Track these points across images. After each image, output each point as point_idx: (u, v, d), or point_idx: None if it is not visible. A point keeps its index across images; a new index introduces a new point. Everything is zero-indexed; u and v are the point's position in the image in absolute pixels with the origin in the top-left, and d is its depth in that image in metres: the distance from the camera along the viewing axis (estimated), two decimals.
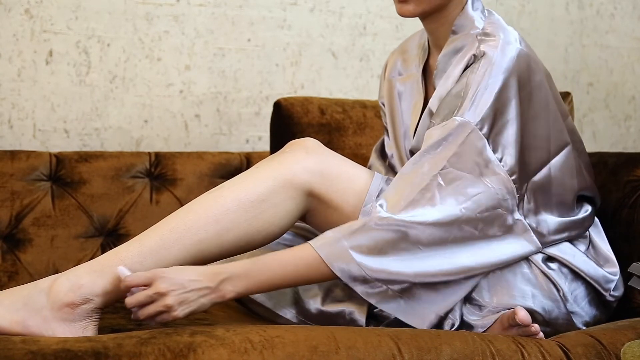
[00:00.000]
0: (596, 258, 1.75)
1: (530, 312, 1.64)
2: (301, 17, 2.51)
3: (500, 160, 1.63)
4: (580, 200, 1.78)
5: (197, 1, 2.41)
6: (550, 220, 1.70)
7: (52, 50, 2.29)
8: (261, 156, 2.18)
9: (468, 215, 1.59)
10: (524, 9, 2.73)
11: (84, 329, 1.52)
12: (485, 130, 1.62)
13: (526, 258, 1.67)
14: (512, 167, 1.63)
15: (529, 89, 1.66)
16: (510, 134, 1.64)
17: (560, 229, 1.71)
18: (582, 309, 1.71)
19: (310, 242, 1.58)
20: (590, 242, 1.78)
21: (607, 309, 1.76)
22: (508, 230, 1.63)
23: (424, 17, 1.73)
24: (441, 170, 1.60)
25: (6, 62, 2.26)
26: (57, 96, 2.31)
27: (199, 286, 1.51)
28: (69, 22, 2.30)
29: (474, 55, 1.66)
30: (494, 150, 1.63)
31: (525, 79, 1.66)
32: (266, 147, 2.40)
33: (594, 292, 1.73)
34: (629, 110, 2.88)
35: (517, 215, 1.65)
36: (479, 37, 1.69)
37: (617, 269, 1.76)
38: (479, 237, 1.61)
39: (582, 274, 1.71)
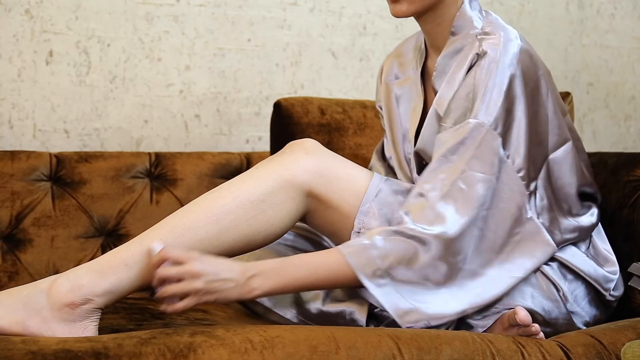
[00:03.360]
0: (596, 258, 1.76)
1: (530, 312, 1.64)
2: (301, 17, 2.51)
3: (508, 157, 1.63)
4: (583, 197, 1.78)
5: (197, 1, 2.41)
6: (562, 218, 1.70)
7: (52, 51, 2.29)
8: (261, 156, 2.18)
9: (491, 218, 1.61)
10: (524, 8, 2.73)
11: (84, 329, 1.52)
12: (499, 129, 1.62)
13: None
14: (520, 165, 1.64)
15: (532, 85, 1.67)
16: (519, 131, 1.64)
17: (571, 229, 1.72)
18: (582, 308, 1.71)
19: (339, 247, 1.58)
20: (590, 242, 1.78)
21: (607, 308, 1.76)
22: (523, 228, 1.64)
23: (419, 16, 1.73)
24: (461, 174, 1.60)
25: (6, 62, 2.26)
26: (57, 96, 2.31)
27: (230, 276, 1.53)
28: (69, 22, 2.30)
29: (477, 54, 1.67)
30: (505, 148, 1.63)
31: (529, 74, 1.67)
32: (266, 147, 2.40)
33: (594, 291, 1.73)
34: (628, 110, 2.88)
35: (529, 214, 1.65)
36: (479, 37, 1.69)
37: (616, 269, 1.76)
38: (500, 245, 1.62)
39: (582, 273, 1.71)
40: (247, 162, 2.23)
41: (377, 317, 1.74)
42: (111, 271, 1.53)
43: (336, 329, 1.50)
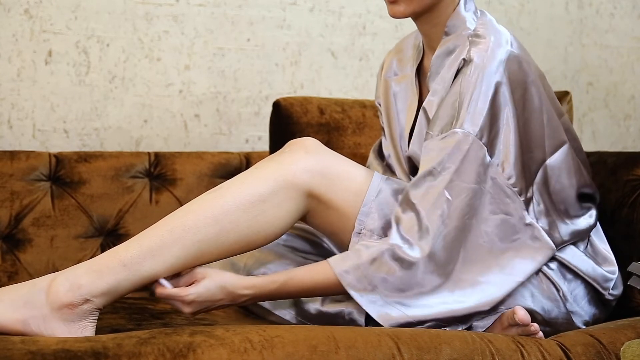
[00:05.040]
0: (594, 257, 1.75)
1: (530, 311, 1.64)
2: (301, 16, 2.51)
3: (498, 166, 1.63)
4: (582, 198, 1.78)
5: (196, 1, 2.41)
6: (560, 222, 1.70)
7: (51, 50, 2.29)
8: (261, 156, 2.18)
9: (476, 226, 1.61)
10: (524, 8, 2.73)
11: (82, 329, 1.52)
12: (484, 139, 1.62)
13: None
14: (510, 172, 1.64)
15: (522, 91, 1.66)
16: (507, 138, 1.64)
17: (569, 232, 1.72)
18: (581, 308, 1.71)
19: (331, 265, 1.61)
20: (589, 241, 1.78)
21: (606, 308, 1.76)
22: (523, 234, 1.65)
23: (416, 17, 1.73)
24: (448, 184, 1.60)
25: (6, 62, 2.26)
26: (56, 96, 2.31)
27: (222, 304, 1.62)
28: (69, 22, 2.30)
29: (464, 59, 1.66)
30: (492, 156, 1.63)
31: (517, 81, 1.66)
32: (266, 147, 2.40)
33: (593, 291, 1.73)
34: (628, 110, 2.88)
35: (528, 219, 1.65)
36: (470, 39, 1.68)
37: (615, 268, 1.76)
38: (499, 251, 1.63)
39: (581, 273, 1.71)
40: (246, 161, 2.23)
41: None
42: (109, 271, 1.53)
43: (336, 328, 1.50)
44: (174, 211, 1.62)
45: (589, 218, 1.76)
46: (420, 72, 1.81)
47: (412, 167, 1.78)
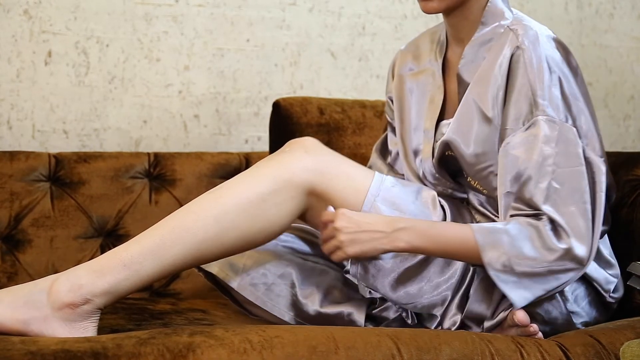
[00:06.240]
0: (598, 259, 1.75)
1: (530, 311, 1.64)
2: (300, 17, 2.51)
3: (587, 146, 1.65)
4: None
5: (196, 1, 2.41)
6: None
7: (51, 51, 2.29)
8: (260, 156, 2.18)
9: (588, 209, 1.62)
10: (523, 8, 2.73)
11: (84, 329, 1.52)
12: (570, 122, 1.63)
13: None
14: (601, 150, 1.67)
15: (578, 72, 1.69)
16: (586, 121, 1.66)
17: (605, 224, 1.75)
18: (582, 309, 1.71)
19: (475, 230, 1.60)
20: None
21: (607, 310, 1.76)
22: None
23: (448, 12, 1.73)
24: (552, 174, 1.60)
25: (5, 62, 2.26)
26: (56, 97, 2.31)
27: (373, 228, 1.59)
28: (68, 22, 2.30)
29: (518, 47, 1.65)
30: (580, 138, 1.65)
31: (573, 63, 1.69)
32: (265, 147, 2.40)
33: (594, 292, 1.73)
34: (628, 110, 2.88)
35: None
36: (512, 28, 1.68)
37: (617, 271, 1.76)
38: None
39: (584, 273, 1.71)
40: (246, 162, 2.23)
41: (376, 318, 1.74)
42: (110, 272, 1.53)
43: (335, 329, 1.50)
44: (175, 211, 1.62)
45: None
46: (445, 65, 1.80)
47: (441, 155, 1.75)
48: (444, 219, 1.70)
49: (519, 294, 1.58)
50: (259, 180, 1.63)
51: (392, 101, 1.90)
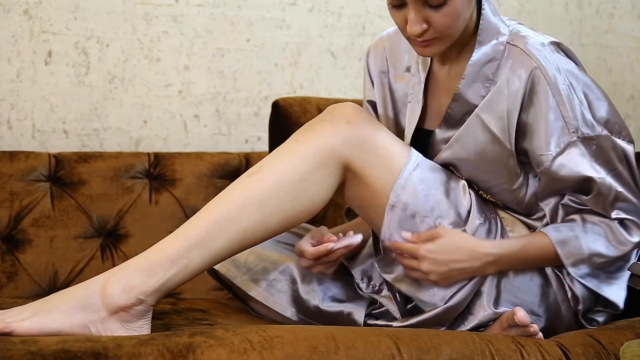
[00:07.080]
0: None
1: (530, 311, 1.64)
2: (300, 17, 2.51)
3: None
4: None
5: (195, 1, 2.41)
6: None
7: (51, 51, 2.29)
8: (260, 156, 2.17)
9: None
10: (523, 8, 2.73)
11: (140, 328, 1.52)
12: (602, 130, 1.67)
13: None
14: (628, 135, 1.72)
15: (583, 68, 1.72)
16: (609, 111, 1.69)
17: None
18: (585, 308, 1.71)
19: (554, 242, 1.65)
20: None
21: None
22: None
23: None
24: (620, 187, 1.67)
25: (5, 62, 2.26)
26: (56, 97, 2.31)
27: (462, 266, 1.63)
28: (68, 22, 2.30)
29: (536, 67, 1.63)
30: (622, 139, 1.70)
31: (578, 62, 1.72)
32: (265, 147, 2.40)
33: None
34: (628, 110, 2.88)
35: None
36: (513, 44, 1.67)
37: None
38: None
39: None
40: (246, 162, 2.23)
41: (375, 318, 1.74)
42: (159, 268, 1.52)
43: (335, 328, 1.50)
44: (216, 197, 1.60)
45: None
46: (429, 79, 1.77)
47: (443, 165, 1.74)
48: (471, 207, 1.69)
49: (612, 291, 1.69)
50: (299, 159, 1.61)
51: (372, 106, 1.86)
